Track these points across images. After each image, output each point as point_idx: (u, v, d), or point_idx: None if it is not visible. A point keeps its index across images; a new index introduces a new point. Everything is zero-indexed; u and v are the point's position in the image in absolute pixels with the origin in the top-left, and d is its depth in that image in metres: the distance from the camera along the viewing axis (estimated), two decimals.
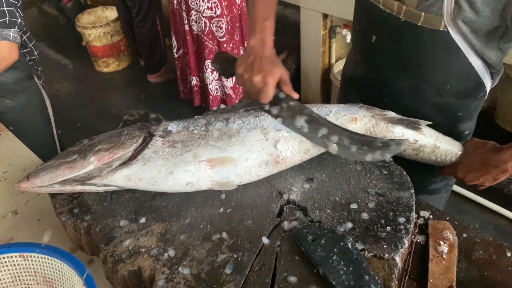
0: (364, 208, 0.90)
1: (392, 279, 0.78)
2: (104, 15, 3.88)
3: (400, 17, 0.98)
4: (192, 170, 0.90)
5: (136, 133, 0.95)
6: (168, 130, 0.96)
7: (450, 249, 0.89)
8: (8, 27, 1.43)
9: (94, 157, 0.90)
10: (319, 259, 0.78)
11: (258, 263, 0.81)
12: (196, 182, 0.91)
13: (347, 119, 0.98)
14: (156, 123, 1.01)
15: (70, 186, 0.91)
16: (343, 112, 0.99)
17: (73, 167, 0.90)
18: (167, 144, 0.93)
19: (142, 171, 0.90)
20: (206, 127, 0.96)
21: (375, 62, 1.15)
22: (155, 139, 0.94)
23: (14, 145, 1.33)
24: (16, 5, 1.46)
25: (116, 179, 0.91)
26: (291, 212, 0.91)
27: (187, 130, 0.96)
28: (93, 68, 3.92)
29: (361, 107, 1.02)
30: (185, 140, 0.94)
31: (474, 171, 1.01)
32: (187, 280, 0.78)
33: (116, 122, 1.19)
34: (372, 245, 0.82)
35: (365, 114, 1.00)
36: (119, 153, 0.91)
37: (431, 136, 1.02)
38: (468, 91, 1.07)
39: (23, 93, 1.64)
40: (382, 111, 1.02)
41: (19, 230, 1.04)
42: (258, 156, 0.92)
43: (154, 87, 3.63)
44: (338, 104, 1.03)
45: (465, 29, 0.93)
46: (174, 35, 2.91)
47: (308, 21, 2.68)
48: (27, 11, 4.95)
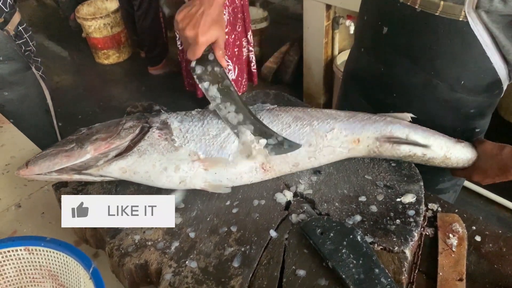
0: (373, 200, 0.89)
1: (402, 272, 0.77)
2: (104, 6, 3.85)
3: (416, 7, 0.94)
4: (185, 169, 0.89)
5: (134, 123, 0.94)
6: (166, 122, 0.95)
7: (460, 242, 0.88)
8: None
9: (91, 146, 0.90)
10: (328, 252, 0.77)
11: (266, 257, 0.80)
12: (189, 181, 0.90)
13: (349, 140, 0.94)
14: (155, 114, 0.99)
15: (67, 175, 0.91)
16: (345, 132, 0.94)
17: (70, 155, 0.89)
18: (163, 137, 0.91)
19: (137, 164, 0.89)
20: (203, 122, 0.94)
21: (384, 55, 1.10)
22: (152, 131, 0.92)
23: (16, 137, 1.32)
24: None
25: (111, 170, 0.90)
26: (299, 205, 0.89)
27: (185, 124, 0.94)
28: (93, 60, 3.90)
29: (364, 124, 0.96)
30: (181, 135, 0.92)
31: (492, 177, 0.99)
32: (194, 273, 0.77)
33: (117, 114, 1.18)
34: (382, 238, 0.81)
35: (369, 135, 0.95)
36: (116, 143, 0.90)
37: (441, 148, 0.98)
38: (483, 87, 1.02)
39: (20, 85, 1.62)
40: (387, 125, 0.96)
41: (23, 223, 1.03)
42: (248, 163, 0.91)
43: (155, 79, 3.61)
44: (340, 114, 0.98)
45: (487, 20, 0.89)
46: None
47: (311, 12, 2.65)
48: (25, 2, 4.91)
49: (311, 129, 0.94)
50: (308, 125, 0.94)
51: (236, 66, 2.83)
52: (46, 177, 0.92)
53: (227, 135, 0.92)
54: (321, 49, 2.75)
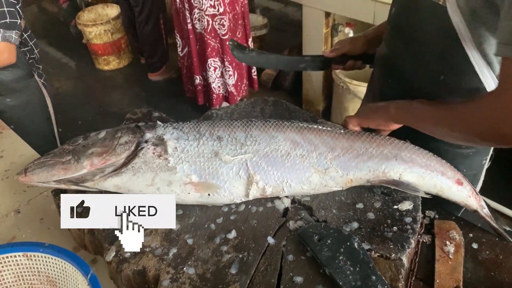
0: (370, 207, 0.89)
1: (399, 279, 0.77)
2: (104, 13, 3.87)
3: None
4: (177, 191, 0.89)
5: (130, 138, 0.93)
6: (162, 138, 0.93)
7: (457, 249, 0.88)
8: (10, 28, 1.42)
9: (87, 161, 0.89)
10: (325, 259, 0.77)
11: (264, 263, 0.80)
12: (182, 201, 0.90)
13: (344, 181, 0.92)
14: (152, 126, 0.97)
15: (65, 185, 0.92)
16: (340, 172, 0.91)
17: (67, 169, 0.90)
18: (157, 154, 0.91)
19: (131, 182, 0.89)
20: (199, 142, 0.92)
21: (388, 38, 1.08)
22: (146, 147, 0.91)
23: (16, 143, 1.33)
24: (16, 5, 1.45)
25: (107, 186, 0.90)
26: (297, 211, 0.90)
27: (181, 142, 0.92)
28: (94, 66, 3.91)
29: (358, 162, 0.92)
30: (176, 154, 0.91)
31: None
32: (192, 280, 0.78)
33: (116, 120, 1.19)
34: (379, 245, 0.81)
35: (362, 177, 0.92)
36: (111, 160, 0.90)
37: (432, 189, 0.94)
38: (464, 88, 0.93)
39: (23, 92, 1.63)
40: (381, 163, 0.92)
41: (22, 229, 1.03)
42: (242, 184, 0.90)
43: (155, 85, 3.62)
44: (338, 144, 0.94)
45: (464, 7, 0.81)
46: (178, 33, 2.90)
47: (310, 19, 2.67)
48: (27, 8, 4.93)
49: (310, 165, 0.91)
50: (308, 157, 0.92)
51: (235, 72, 2.84)
52: (44, 185, 0.92)
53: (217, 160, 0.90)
54: None
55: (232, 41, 1.27)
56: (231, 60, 2.78)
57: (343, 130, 0.97)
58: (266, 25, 3.49)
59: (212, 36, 2.69)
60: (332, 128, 0.97)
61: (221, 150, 0.91)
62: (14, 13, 1.44)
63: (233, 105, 1.20)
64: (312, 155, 0.92)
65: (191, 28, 2.72)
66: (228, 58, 2.76)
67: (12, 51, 1.47)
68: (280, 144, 0.92)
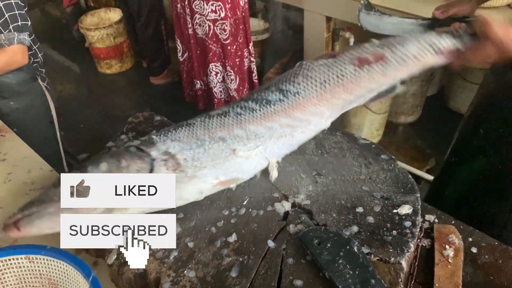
0: (370, 211, 0.90)
1: (398, 283, 0.78)
2: (107, 17, 3.89)
3: None
4: (208, 193, 0.93)
5: (139, 164, 0.88)
6: (169, 152, 0.91)
7: (456, 253, 0.88)
8: (22, 30, 1.45)
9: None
10: (325, 262, 0.78)
11: (264, 267, 0.81)
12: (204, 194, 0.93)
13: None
14: (148, 143, 0.93)
15: None
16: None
17: (78, 211, 0.81)
18: (172, 168, 0.89)
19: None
20: (204, 148, 0.91)
21: None
22: (158, 166, 0.89)
23: (18, 146, 1.34)
24: (24, 8, 1.48)
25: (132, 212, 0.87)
26: (297, 215, 0.90)
27: (186, 153, 0.90)
28: (96, 69, 3.92)
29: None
30: (189, 163, 0.90)
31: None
32: (192, 283, 0.78)
33: (118, 123, 1.20)
34: (378, 249, 0.82)
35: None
36: None
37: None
38: None
39: (26, 95, 1.65)
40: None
41: None
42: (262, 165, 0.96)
43: (157, 89, 3.63)
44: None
45: None
46: (178, 38, 2.91)
47: (312, 23, 2.68)
48: (30, 12, 4.93)
49: (313, 132, 0.99)
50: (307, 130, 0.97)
51: (237, 76, 2.85)
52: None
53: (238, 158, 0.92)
54: None
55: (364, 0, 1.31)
56: (232, 65, 2.78)
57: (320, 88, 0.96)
58: (268, 29, 3.50)
59: (213, 41, 2.70)
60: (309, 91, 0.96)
61: (234, 147, 0.92)
62: (24, 15, 1.47)
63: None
64: (309, 127, 0.97)
65: (192, 33, 2.73)
66: (229, 63, 2.77)
67: (25, 53, 1.50)
68: (280, 131, 0.95)
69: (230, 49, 2.72)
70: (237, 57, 2.79)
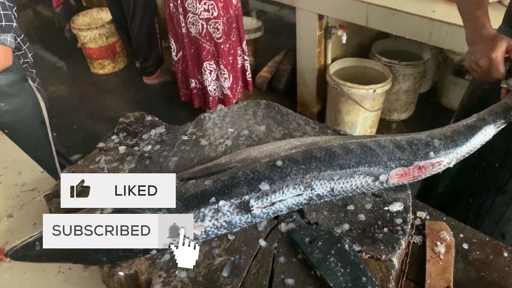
0: (361, 209, 0.90)
1: (390, 280, 0.78)
2: (99, 17, 3.87)
3: None
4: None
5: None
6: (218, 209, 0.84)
7: (447, 249, 0.89)
8: (5, 31, 1.43)
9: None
10: (316, 261, 0.78)
11: (256, 266, 0.80)
12: None
13: None
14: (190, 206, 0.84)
15: None
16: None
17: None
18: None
19: None
20: (217, 219, 0.83)
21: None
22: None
23: (9, 148, 1.33)
24: (12, 8, 1.46)
25: None
26: (288, 214, 0.90)
27: (202, 231, 0.84)
28: (89, 70, 3.91)
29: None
30: (212, 231, 0.85)
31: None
32: (184, 283, 0.78)
33: (111, 124, 1.19)
34: (369, 246, 0.82)
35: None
36: None
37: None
38: None
39: (17, 96, 1.63)
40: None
41: (15, 234, 1.03)
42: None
43: (150, 89, 3.62)
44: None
45: None
46: (172, 38, 2.90)
47: (304, 21, 2.68)
48: (22, 13, 4.93)
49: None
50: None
51: (231, 74, 2.85)
52: None
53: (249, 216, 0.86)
54: (314, 58, 2.77)
55: None
56: (226, 63, 2.78)
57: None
58: (261, 27, 3.50)
59: (207, 40, 2.70)
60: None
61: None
62: (10, 16, 1.45)
63: (225, 108, 1.21)
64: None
65: (185, 32, 2.72)
66: (223, 61, 2.77)
67: (8, 54, 1.47)
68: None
69: (224, 48, 2.72)
70: (231, 56, 2.79)
